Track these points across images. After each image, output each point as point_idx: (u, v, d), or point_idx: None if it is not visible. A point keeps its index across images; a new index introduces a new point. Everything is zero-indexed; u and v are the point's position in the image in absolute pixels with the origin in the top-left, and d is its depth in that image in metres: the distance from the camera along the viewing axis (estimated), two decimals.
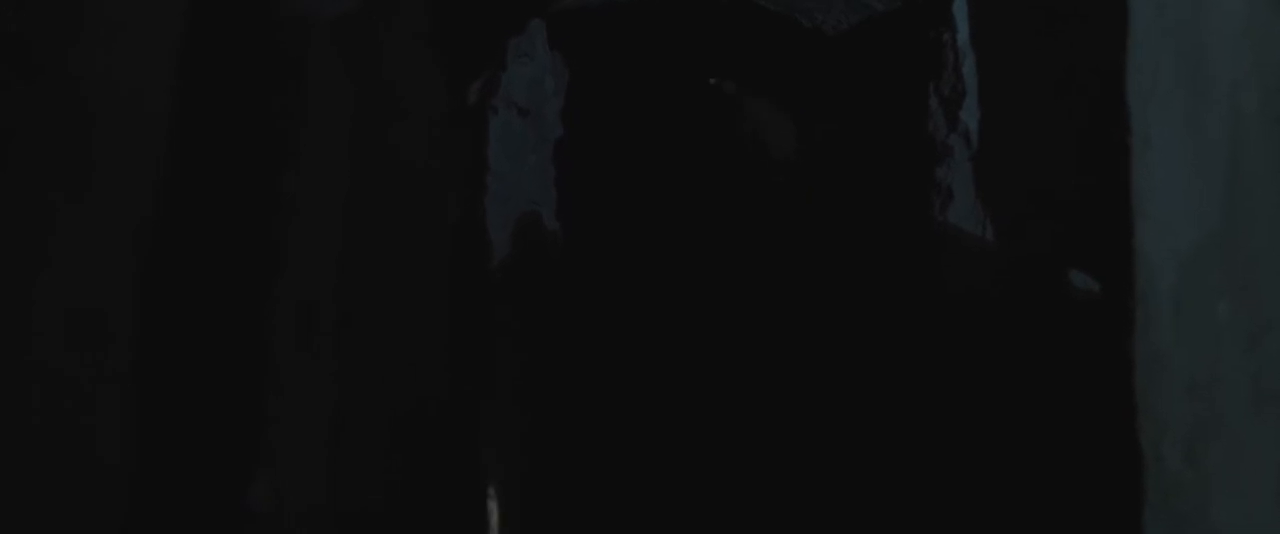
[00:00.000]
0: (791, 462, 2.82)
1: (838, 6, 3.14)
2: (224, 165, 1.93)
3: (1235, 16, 1.85)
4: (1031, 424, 2.18)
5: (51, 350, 1.51)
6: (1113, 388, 1.80)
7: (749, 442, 2.88)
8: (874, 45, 3.15)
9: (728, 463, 2.87)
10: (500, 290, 3.12)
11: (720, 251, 3.01)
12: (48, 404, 1.50)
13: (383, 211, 2.40)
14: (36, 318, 1.48)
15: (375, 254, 2.37)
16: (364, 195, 2.28)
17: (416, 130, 2.61)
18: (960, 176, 2.62)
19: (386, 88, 2.44)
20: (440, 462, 2.70)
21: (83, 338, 1.56)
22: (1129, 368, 1.77)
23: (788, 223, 3.09)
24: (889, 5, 3.03)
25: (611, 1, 3.17)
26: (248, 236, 1.95)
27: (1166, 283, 1.80)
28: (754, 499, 2.80)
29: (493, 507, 2.80)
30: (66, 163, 1.51)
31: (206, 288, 1.89)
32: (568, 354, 3.21)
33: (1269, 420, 1.76)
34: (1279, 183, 1.81)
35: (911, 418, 2.60)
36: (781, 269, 3.04)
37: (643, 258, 3.13)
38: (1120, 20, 1.96)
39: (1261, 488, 1.74)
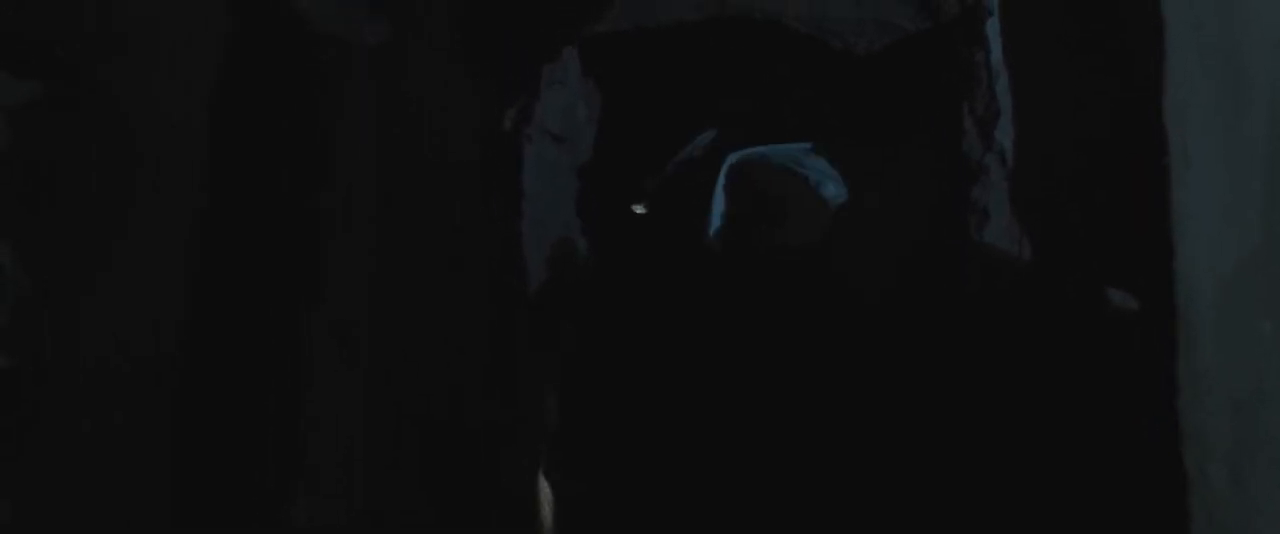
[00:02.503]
0: (829, 486, 2.80)
1: (869, 28, 3.14)
2: (262, 183, 1.95)
3: (1275, 31, 1.84)
4: (1074, 446, 2.17)
5: (100, 365, 1.52)
6: (1155, 408, 1.78)
7: (777, 467, 2.86)
8: (906, 66, 3.14)
9: (755, 479, 2.85)
10: (535, 312, 3.13)
11: (751, 280, 3.00)
12: (94, 424, 1.52)
13: (420, 233, 2.41)
14: (84, 334, 1.50)
15: (411, 271, 2.38)
16: (400, 217, 2.30)
17: (452, 154, 2.63)
18: (996, 197, 2.61)
19: (420, 109, 2.46)
20: (475, 476, 2.71)
21: (129, 352, 1.58)
22: (1171, 388, 1.75)
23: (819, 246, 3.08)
24: (920, 25, 3.03)
25: (644, 26, 3.18)
26: (286, 253, 1.97)
27: (1208, 301, 1.78)
28: (780, 515, 2.78)
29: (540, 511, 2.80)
30: (110, 181, 1.54)
31: (246, 303, 1.90)
32: (600, 372, 3.21)
33: None
34: None
35: (954, 442, 2.58)
36: (814, 291, 3.02)
37: (673, 279, 3.13)
38: (1156, 37, 1.94)
39: None
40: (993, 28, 2.72)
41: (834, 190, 2.87)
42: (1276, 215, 1.81)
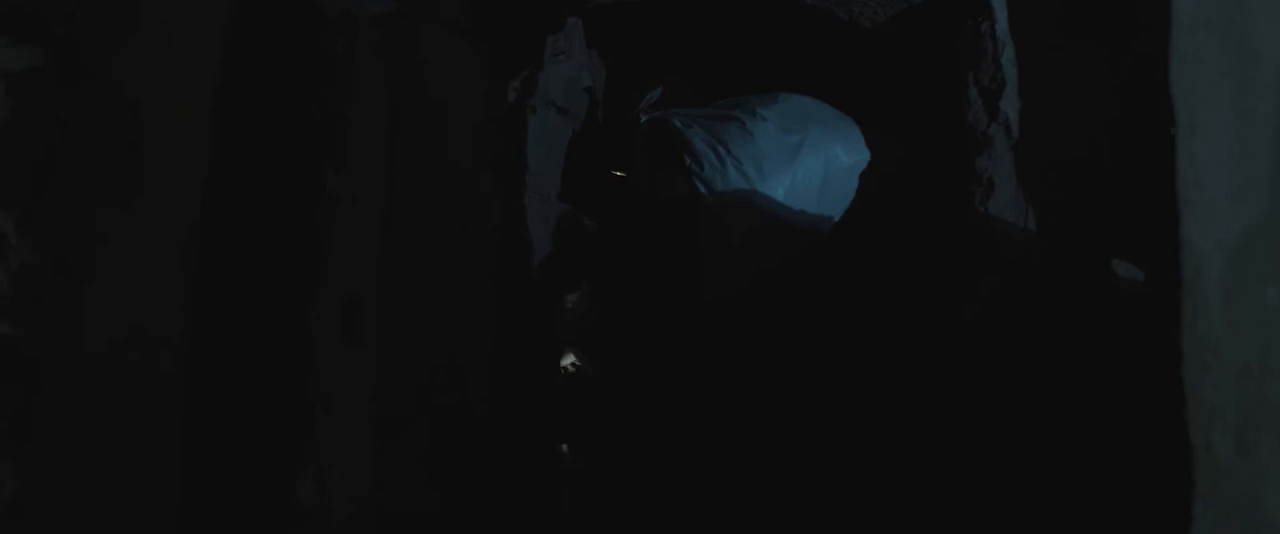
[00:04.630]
0: (837, 454, 2.82)
1: None
2: (268, 165, 1.94)
3: None
4: (1079, 414, 2.17)
5: (104, 349, 1.53)
6: (1161, 377, 1.78)
7: (785, 438, 2.88)
8: (911, 37, 3.13)
9: (766, 457, 2.87)
10: (541, 286, 3.14)
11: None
12: (100, 401, 1.52)
13: (425, 209, 2.41)
14: (89, 318, 1.50)
15: (418, 251, 2.39)
16: (406, 192, 2.30)
17: (457, 128, 2.62)
18: (1001, 167, 2.61)
19: (427, 86, 2.45)
20: (484, 458, 2.72)
21: (135, 336, 1.58)
22: (1177, 357, 1.76)
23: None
24: None
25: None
26: (292, 234, 1.97)
27: (1214, 270, 1.78)
28: (788, 494, 2.80)
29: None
30: (115, 164, 1.53)
31: (253, 285, 1.90)
32: (615, 349, 3.23)
33: None
34: None
35: (958, 408, 2.59)
36: (823, 266, 3.03)
37: (683, 252, 3.13)
38: (1161, 6, 1.94)
39: None
40: None
41: (702, 147, 2.94)
42: None
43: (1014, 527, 2.33)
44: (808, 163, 3.04)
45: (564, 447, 3.01)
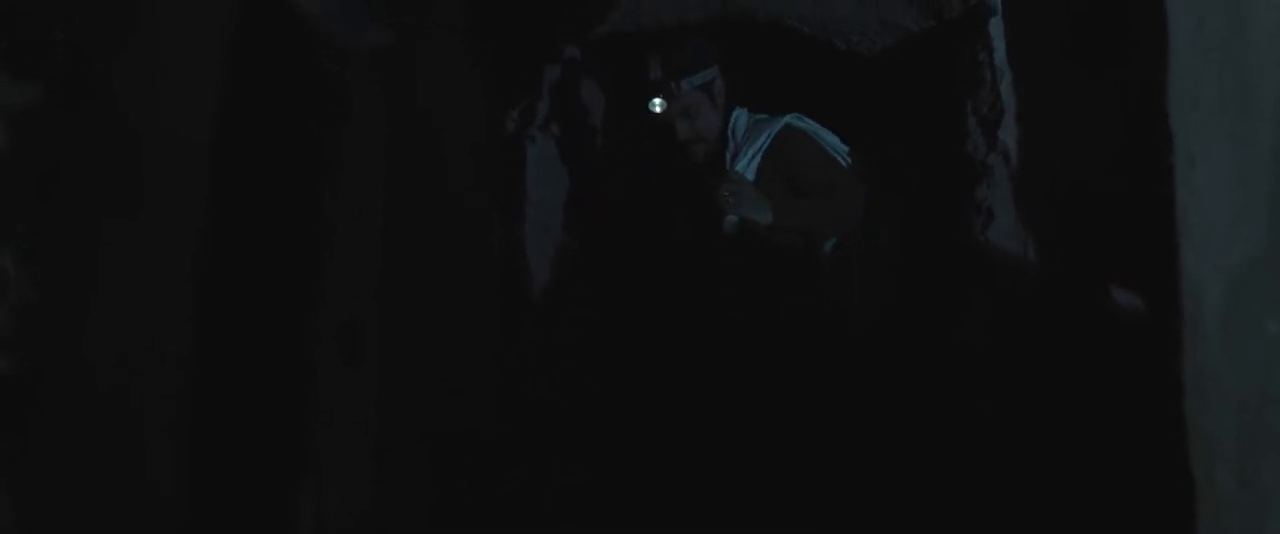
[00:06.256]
0: (837, 482, 2.81)
1: (872, 27, 3.13)
2: (267, 192, 1.95)
3: (1278, 31, 1.83)
4: (1080, 447, 2.16)
5: (105, 371, 1.52)
6: (1162, 409, 1.78)
7: (782, 467, 2.87)
8: (910, 66, 3.14)
9: (766, 478, 2.86)
10: (539, 315, 3.14)
11: (757, 278, 3.00)
12: (102, 422, 1.52)
13: (423, 234, 2.42)
14: (89, 340, 1.49)
15: (417, 275, 2.39)
16: (404, 218, 2.30)
17: (455, 155, 2.63)
18: (1000, 196, 2.61)
19: (425, 113, 2.46)
20: (481, 480, 2.71)
21: (136, 359, 1.57)
22: (1178, 388, 1.75)
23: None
24: (924, 25, 3.02)
25: (647, 28, 3.18)
26: (291, 261, 1.97)
27: (1213, 302, 1.78)
28: (785, 512, 2.79)
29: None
30: (115, 186, 1.53)
31: (253, 308, 1.91)
32: (604, 375, 3.23)
33: None
34: None
35: (959, 441, 2.58)
36: (818, 291, 3.03)
37: (678, 279, 3.13)
38: (1159, 36, 1.94)
39: None
40: (996, 27, 2.71)
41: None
42: None
43: None
44: None
45: (559, 465, 3.01)
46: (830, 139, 3.08)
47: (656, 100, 2.99)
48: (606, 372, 3.26)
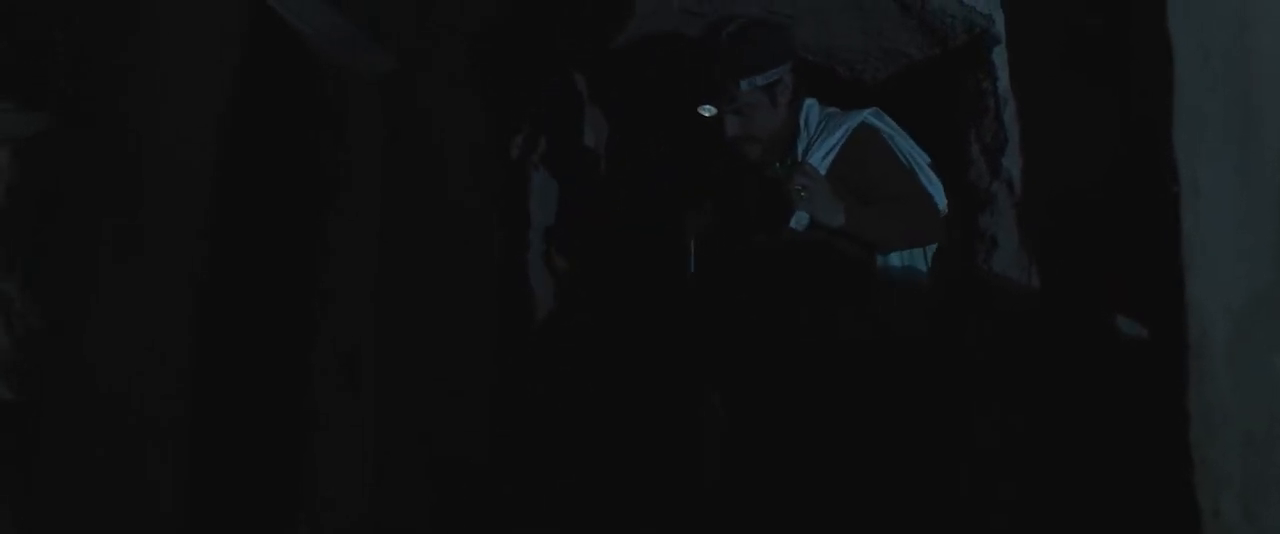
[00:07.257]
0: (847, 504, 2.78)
1: (875, 56, 3.13)
2: (268, 213, 1.95)
3: None
4: (1086, 479, 2.15)
5: (108, 396, 1.52)
6: (1168, 442, 1.77)
7: (783, 484, 2.84)
8: (912, 94, 3.14)
9: (766, 491, 2.84)
10: (543, 341, 3.13)
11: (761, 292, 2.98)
12: (105, 447, 1.52)
13: (425, 257, 2.42)
14: (92, 365, 1.49)
15: (418, 299, 2.39)
16: (405, 241, 2.31)
17: (457, 179, 2.63)
18: (1004, 225, 2.60)
19: (427, 137, 2.46)
20: (481, 504, 2.71)
21: (138, 383, 1.57)
22: (1184, 421, 1.75)
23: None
24: (926, 53, 3.02)
25: (650, 56, 3.18)
26: (290, 287, 1.97)
27: (1220, 335, 1.78)
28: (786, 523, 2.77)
29: None
30: (118, 211, 1.53)
31: (253, 333, 1.91)
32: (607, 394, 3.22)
33: None
34: None
35: (964, 473, 2.57)
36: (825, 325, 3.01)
37: (684, 301, 3.12)
38: (1165, 67, 1.94)
39: None
40: (1000, 55, 2.70)
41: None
42: None
43: None
44: None
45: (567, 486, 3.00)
46: (905, 145, 2.83)
47: (707, 106, 2.74)
48: (606, 374, 3.27)
